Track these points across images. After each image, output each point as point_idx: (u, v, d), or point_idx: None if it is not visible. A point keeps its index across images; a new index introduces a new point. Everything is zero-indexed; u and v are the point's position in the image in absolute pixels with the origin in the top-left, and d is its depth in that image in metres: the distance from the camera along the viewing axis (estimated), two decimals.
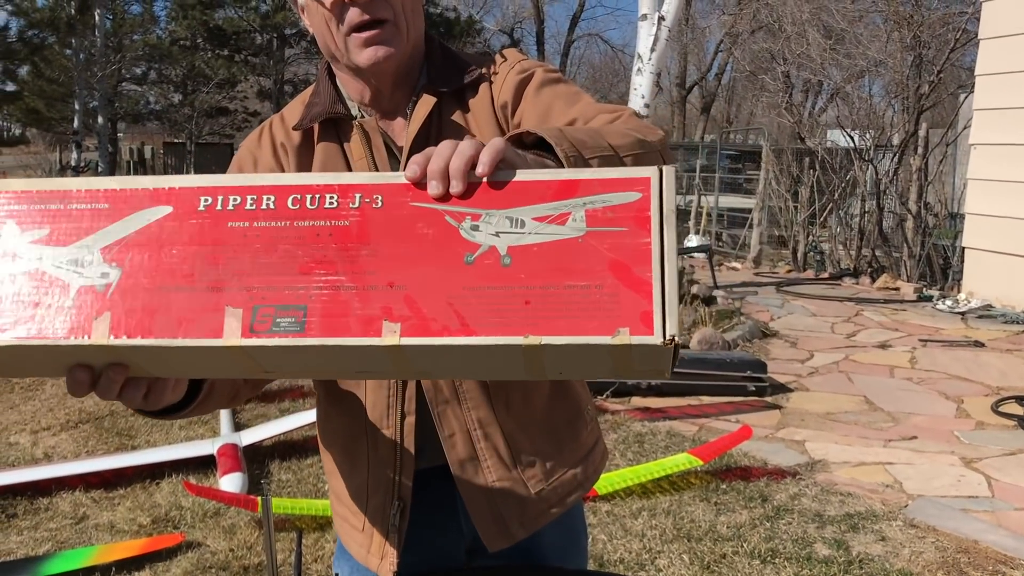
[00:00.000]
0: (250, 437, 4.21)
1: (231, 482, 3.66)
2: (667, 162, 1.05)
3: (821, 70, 13.21)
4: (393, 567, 1.25)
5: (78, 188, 0.79)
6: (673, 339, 0.69)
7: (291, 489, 3.84)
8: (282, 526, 3.42)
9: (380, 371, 0.82)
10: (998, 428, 4.69)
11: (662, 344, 0.69)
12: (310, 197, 0.77)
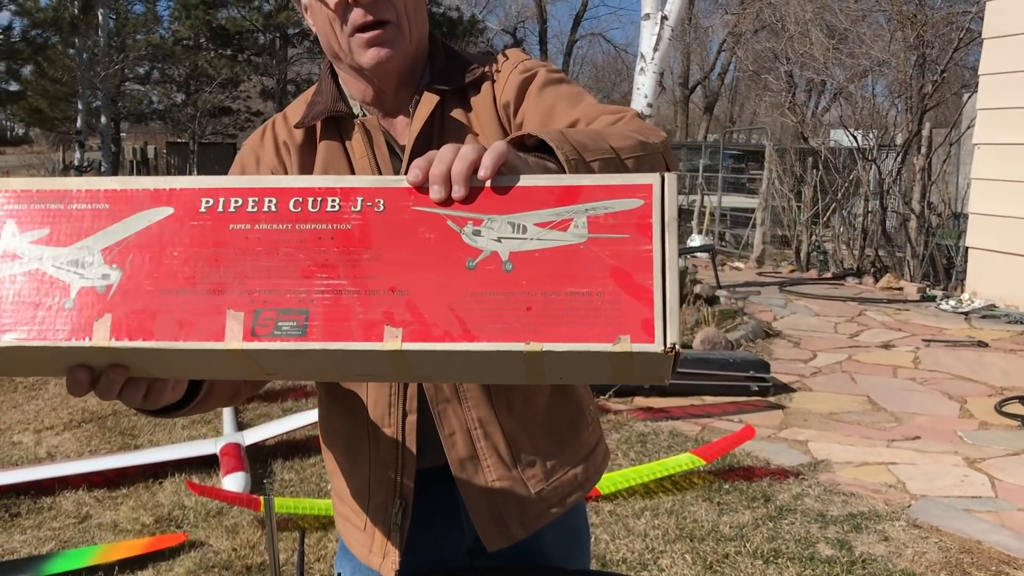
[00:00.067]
0: (253, 436, 4.21)
1: (234, 482, 3.66)
2: (669, 163, 1.05)
3: (824, 69, 13.21)
4: (395, 566, 1.25)
5: (78, 188, 0.79)
6: (674, 347, 0.69)
7: (294, 489, 3.85)
8: (285, 526, 3.42)
9: (381, 375, 0.82)
10: (1001, 428, 4.68)
11: (663, 352, 0.69)
12: (312, 200, 0.77)
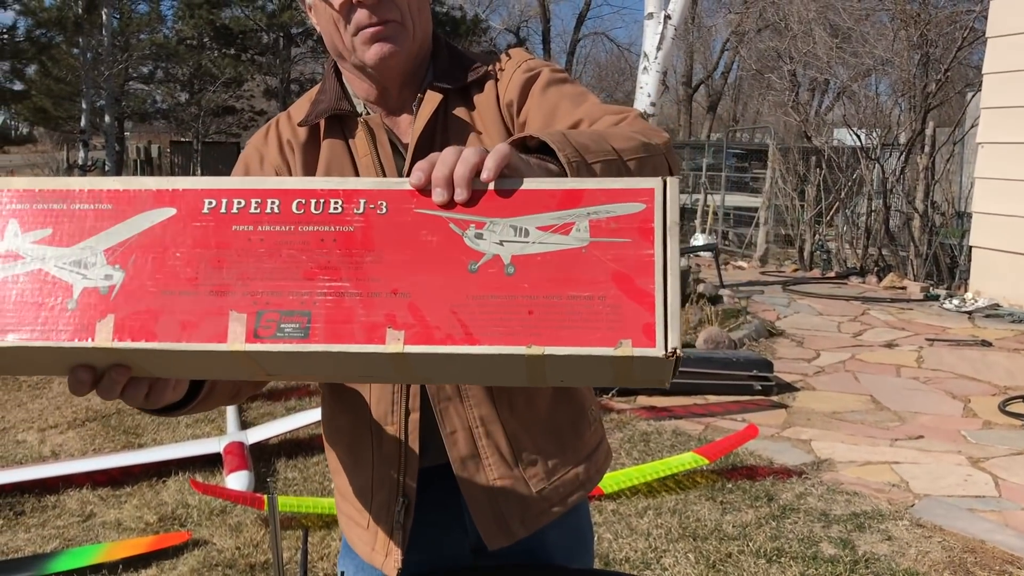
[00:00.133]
0: (256, 435, 4.22)
1: (237, 480, 3.67)
2: (671, 164, 1.05)
3: (827, 68, 13.20)
4: (398, 564, 1.25)
5: (80, 188, 0.79)
6: (675, 351, 0.70)
7: (297, 487, 3.85)
8: (288, 524, 3.42)
9: (383, 376, 0.82)
10: (1005, 428, 4.68)
11: (664, 356, 0.70)
12: (315, 202, 0.77)
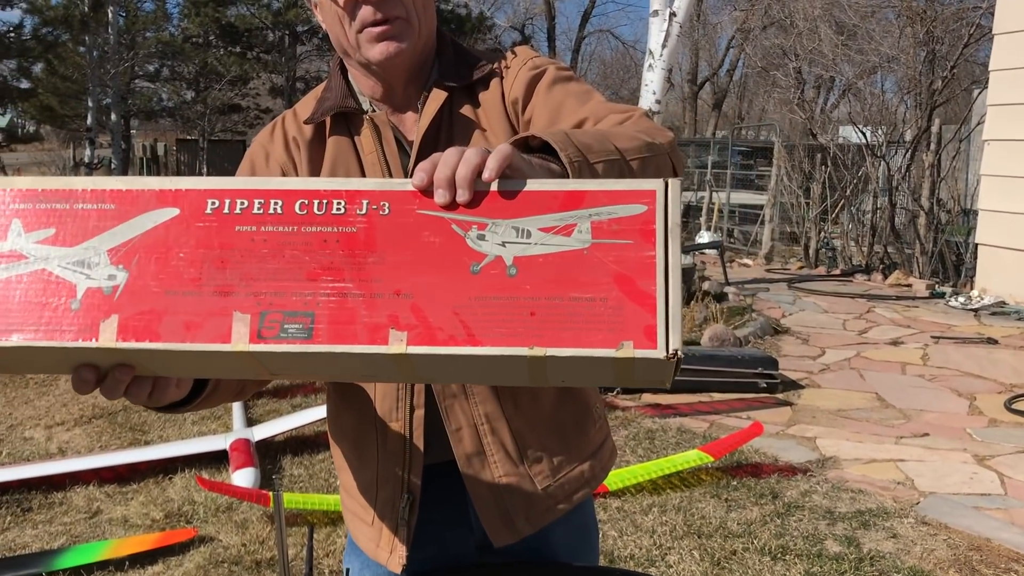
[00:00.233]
0: (262, 432, 4.23)
1: (243, 477, 3.68)
2: (675, 164, 1.06)
3: (833, 66, 13.17)
4: (402, 561, 1.25)
5: (83, 188, 0.79)
6: (676, 353, 0.70)
7: (303, 484, 3.86)
8: (294, 521, 3.43)
9: (386, 376, 0.83)
10: (1011, 425, 4.67)
11: (665, 358, 0.70)
12: (317, 203, 0.77)
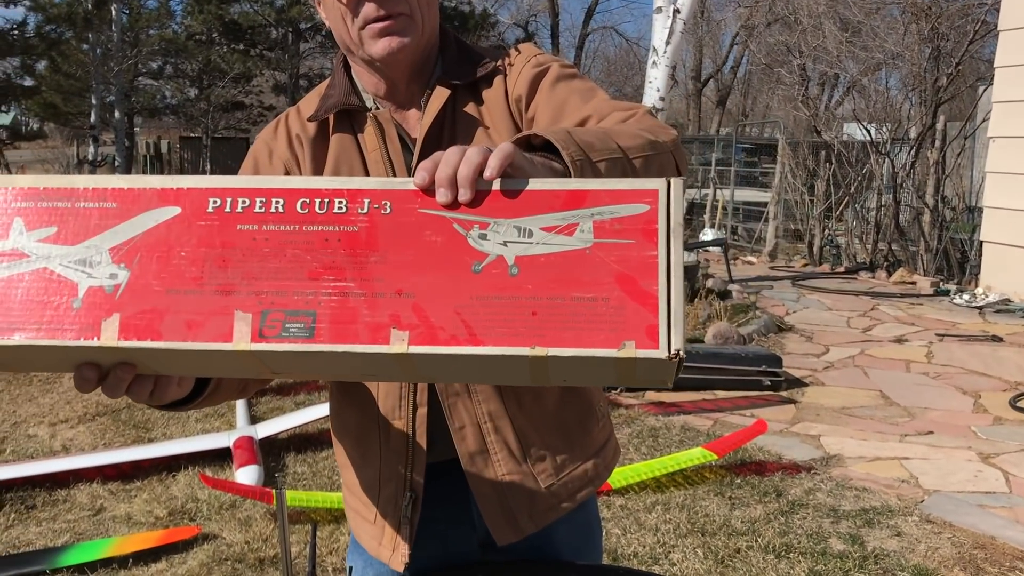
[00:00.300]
0: (266, 430, 4.23)
1: (247, 475, 3.68)
2: (679, 162, 1.05)
3: (837, 63, 13.13)
4: (405, 559, 1.25)
5: (85, 186, 0.79)
6: (678, 353, 0.70)
7: (306, 482, 3.86)
8: (297, 519, 3.44)
9: (388, 376, 0.82)
10: (1016, 423, 4.65)
11: (667, 358, 0.70)
12: (319, 201, 0.77)
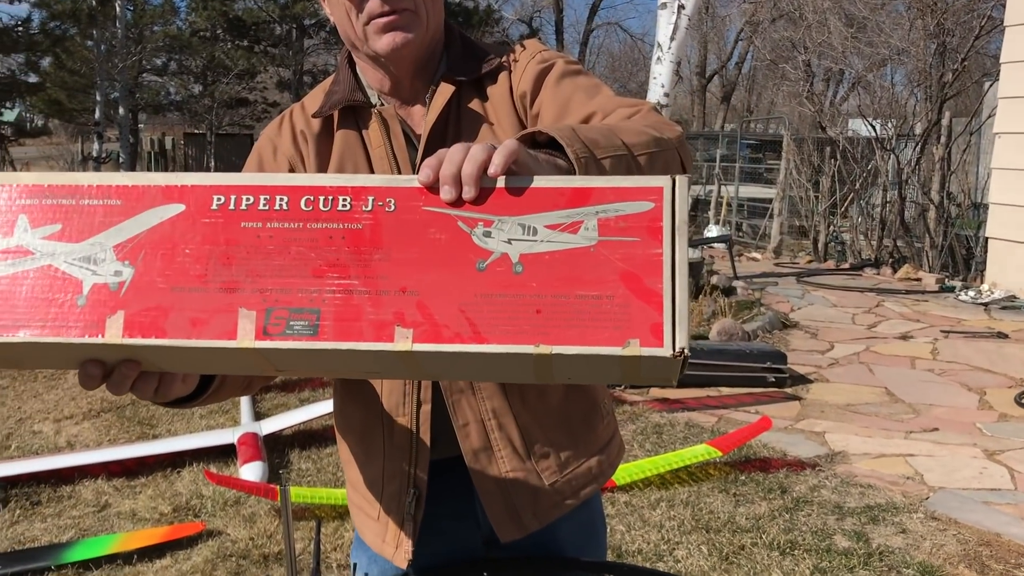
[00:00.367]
0: (270, 426, 4.24)
1: (251, 471, 3.68)
2: (683, 159, 1.05)
3: (842, 59, 13.11)
4: (408, 556, 1.25)
5: (89, 184, 0.79)
6: (682, 351, 0.70)
7: (311, 478, 3.87)
8: (302, 515, 3.44)
9: (392, 373, 0.83)
10: (1021, 420, 4.64)
11: (671, 356, 0.70)
12: (323, 199, 0.77)
